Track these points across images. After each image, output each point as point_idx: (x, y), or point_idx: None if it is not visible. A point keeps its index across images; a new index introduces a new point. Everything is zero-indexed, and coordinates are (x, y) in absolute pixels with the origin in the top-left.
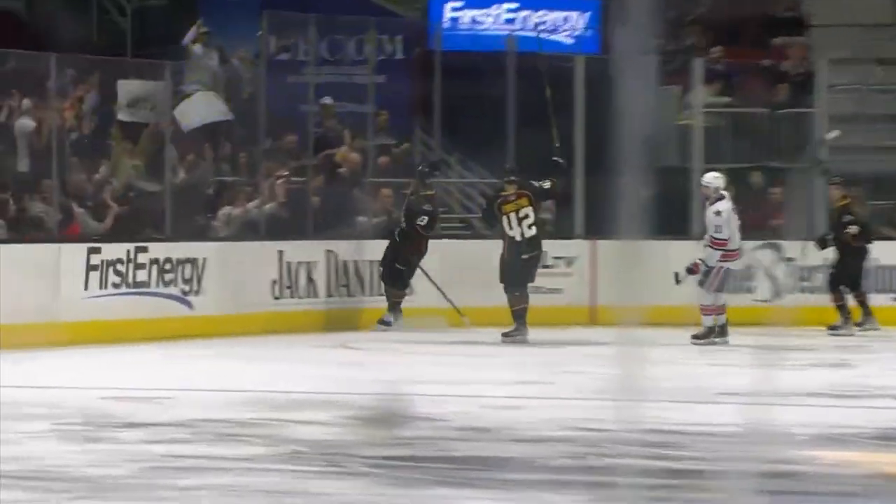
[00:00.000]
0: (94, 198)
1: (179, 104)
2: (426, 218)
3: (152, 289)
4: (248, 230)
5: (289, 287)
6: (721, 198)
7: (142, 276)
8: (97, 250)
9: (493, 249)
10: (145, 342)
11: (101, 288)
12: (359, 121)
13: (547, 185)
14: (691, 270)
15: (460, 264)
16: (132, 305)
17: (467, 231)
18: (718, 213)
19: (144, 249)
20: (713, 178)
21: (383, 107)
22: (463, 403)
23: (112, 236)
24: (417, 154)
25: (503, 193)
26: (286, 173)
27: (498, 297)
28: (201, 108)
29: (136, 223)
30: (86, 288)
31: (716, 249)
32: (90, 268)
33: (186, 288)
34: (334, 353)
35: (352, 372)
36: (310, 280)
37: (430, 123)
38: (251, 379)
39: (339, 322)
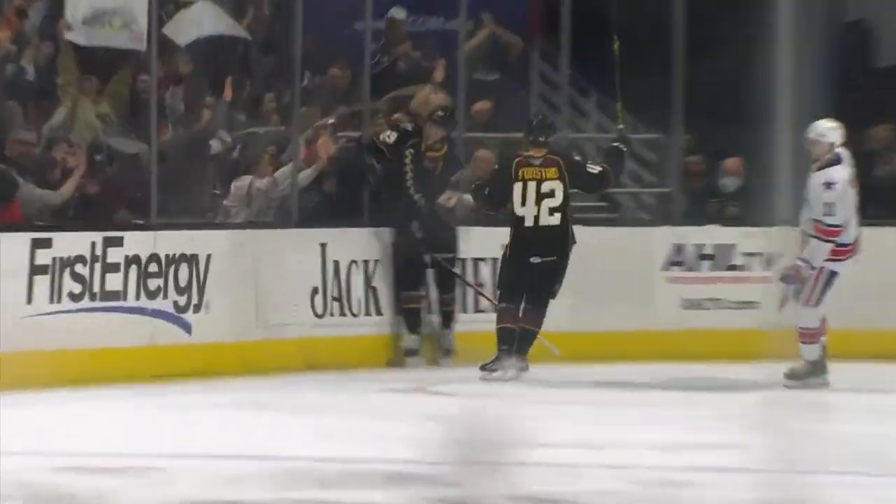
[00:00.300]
0: (43, 162)
1: (171, 19)
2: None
3: (129, 302)
4: (277, 211)
5: (337, 299)
6: (836, 160)
7: (114, 282)
8: (46, 243)
9: (643, 240)
10: (119, 384)
11: (51, 301)
12: (445, 45)
13: (596, 170)
14: (790, 278)
15: (597, 263)
16: (99, 327)
17: (610, 213)
18: (830, 184)
19: (118, 242)
20: (827, 129)
21: (482, 24)
22: (607, 477)
23: (69, 221)
24: (535, 95)
25: (526, 154)
26: (331, 122)
27: (640, 316)
28: (201, 22)
29: (106, 202)
30: (28, 301)
31: (824, 241)
32: (35, 269)
33: (182, 300)
34: (407, 399)
35: (435, 429)
36: (369, 288)
37: (555, 49)
38: (281, 439)
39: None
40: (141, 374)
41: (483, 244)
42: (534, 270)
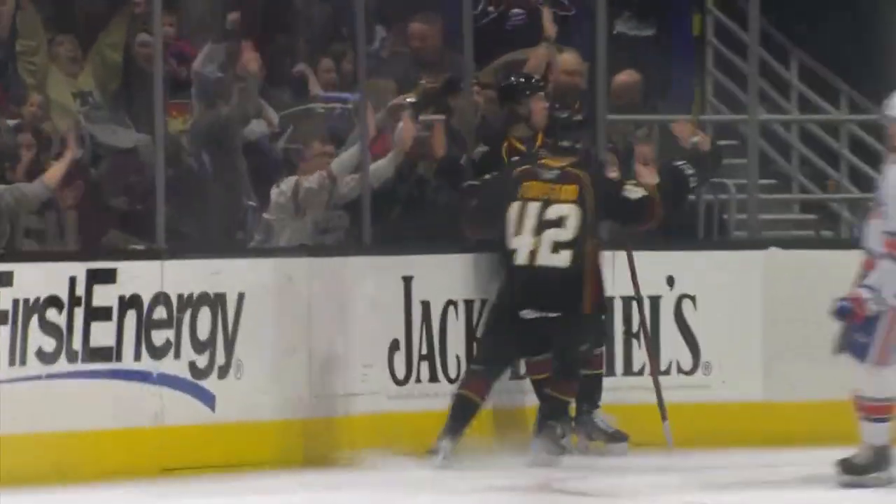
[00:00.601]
0: (7, 157)
1: None
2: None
3: (126, 364)
4: (336, 228)
5: (427, 357)
6: None
7: (102, 334)
8: (4, 278)
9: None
10: (112, 480)
11: (12, 363)
12: None
13: (637, 194)
14: (847, 311)
15: (802, 303)
16: (82, 401)
17: (823, 228)
18: None
19: (108, 276)
20: None
21: None
22: None
23: (39, 249)
24: (709, 60)
25: (541, 161)
26: (411, 101)
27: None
28: None
29: (91, 218)
30: None
31: None
32: None
33: (201, 361)
34: (527, 502)
35: None
36: (473, 341)
37: None
38: None
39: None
40: (143, 467)
41: (646, 275)
42: (529, 329)
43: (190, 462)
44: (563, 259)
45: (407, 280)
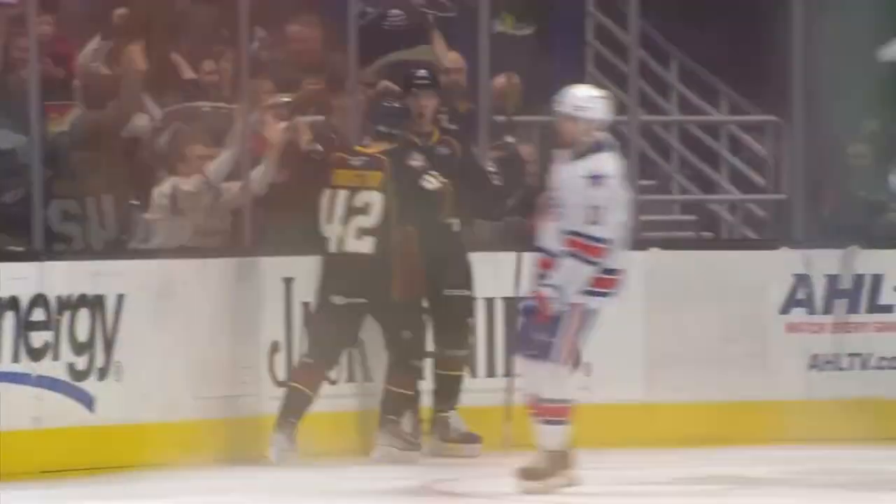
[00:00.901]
0: None
1: None
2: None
3: (3, 367)
4: (218, 231)
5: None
6: (600, 147)
7: None
8: None
9: (751, 270)
10: None
11: None
12: None
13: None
14: (530, 311)
15: (683, 304)
16: None
17: (702, 230)
18: (598, 178)
19: None
20: (588, 100)
21: None
22: None
23: None
24: (589, 61)
25: (357, 149)
26: (285, 100)
27: (747, 381)
28: None
29: None
30: None
31: (584, 261)
32: None
33: (80, 363)
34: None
35: None
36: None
37: None
38: None
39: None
40: (22, 470)
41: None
42: (344, 316)
43: (69, 464)
44: (367, 245)
45: (287, 281)
